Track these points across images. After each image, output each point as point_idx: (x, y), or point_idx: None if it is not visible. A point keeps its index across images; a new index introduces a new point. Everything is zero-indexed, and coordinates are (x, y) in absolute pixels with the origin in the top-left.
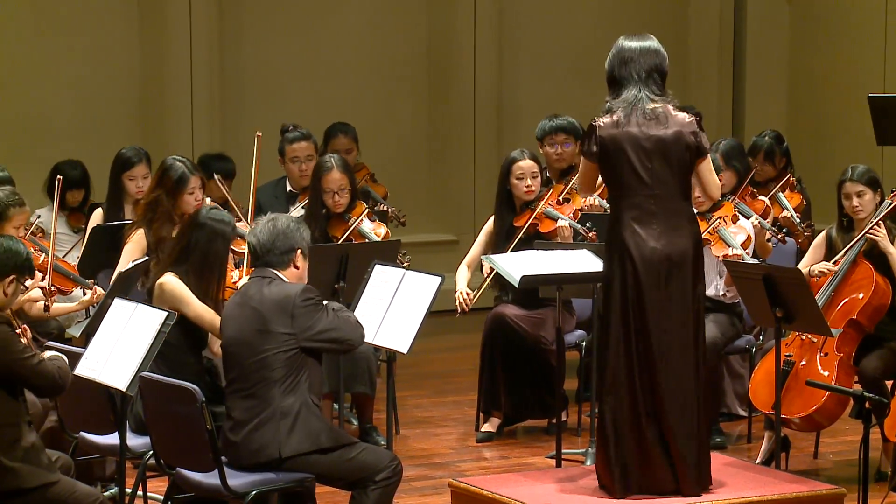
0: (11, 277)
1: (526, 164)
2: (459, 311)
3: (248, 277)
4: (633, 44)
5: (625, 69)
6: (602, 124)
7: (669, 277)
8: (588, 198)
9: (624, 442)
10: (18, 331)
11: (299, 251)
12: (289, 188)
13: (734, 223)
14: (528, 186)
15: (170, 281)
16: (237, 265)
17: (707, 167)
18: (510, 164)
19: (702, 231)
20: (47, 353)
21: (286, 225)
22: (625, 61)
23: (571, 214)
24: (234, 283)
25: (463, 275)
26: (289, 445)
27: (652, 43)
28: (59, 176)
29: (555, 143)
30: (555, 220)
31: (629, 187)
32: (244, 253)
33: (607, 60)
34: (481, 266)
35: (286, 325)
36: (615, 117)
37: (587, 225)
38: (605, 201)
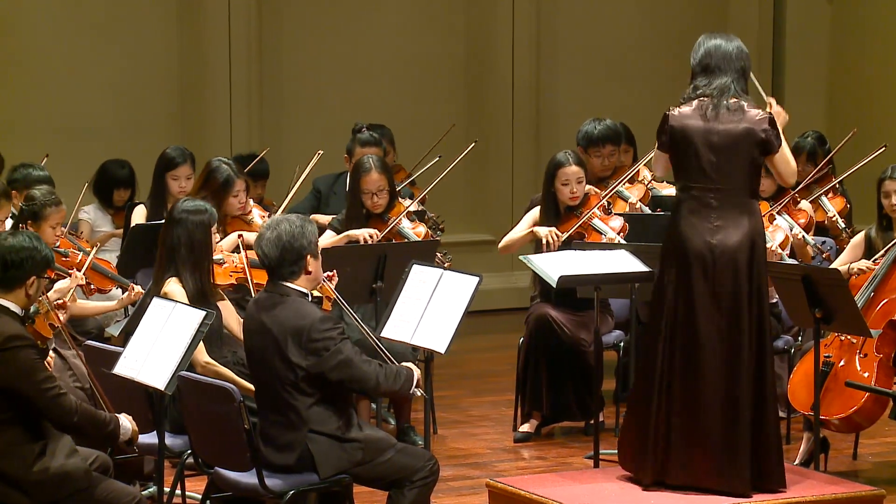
0: (32, 279)
1: (571, 170)
2: (546, 249)
3: (263, 291)
4: (730, 41)
5: (723, 60)
6: (675, 114)
7: (719, 272)
8: (631, 199)
9: (655, 431)
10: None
11: (308, 256)
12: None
13: (770, 223)
14: (573, 192)
15: (172, 290)
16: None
17: (782, 159)
18: (555, 168)
19: None
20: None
21: (290, 232)
22: (724, 56)
23: (619, 230)
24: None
25: (517, 232)
26: (324, 469)
27: (743, 45)
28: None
29: (601, 154)
30: (602, 233)
31: (692, 179)
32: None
33: (696, 51)
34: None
35: (300, 356)
36: (689, 108)
37: None
38: (646, 207)
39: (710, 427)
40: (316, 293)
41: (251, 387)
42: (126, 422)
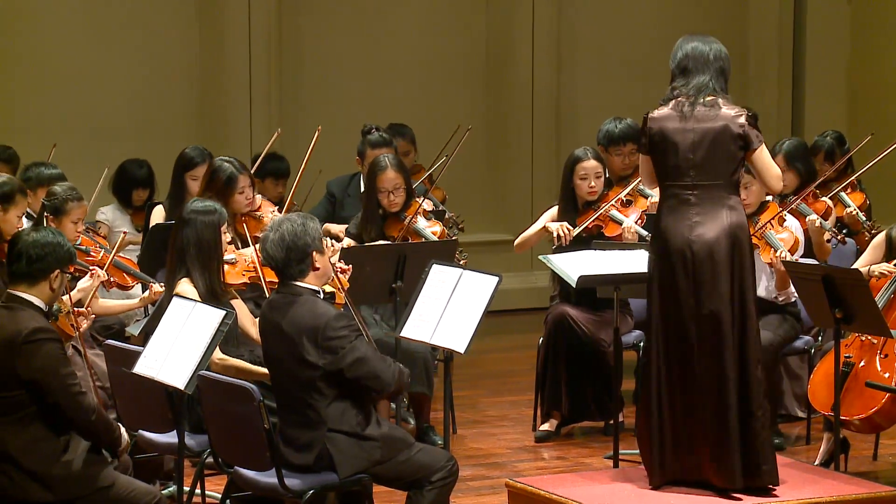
0: (56, 272)
1: (590, 164)
2: (558, 242)
3: (275, 293)
4: (706, 42)
5: (700, 62)
6: (654, 116)
7: (701, 267)
8: (652, 198)
9: (661, 433)
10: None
11: (314, 252)
12: (364, 188)
13: (780, 224)
14: (591, 187)
15: (185, 291)
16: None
17: (760, 158)
18: (574, 163)
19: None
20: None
21: (293, 232)
22: (700, 57)
23: (637, 218)
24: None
25: (533, 229)
26: (343, 469)
27: (723, 48)
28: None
29: (622, 153)
30: (619, 223)
31: (671, 178)
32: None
33: (675, 53)
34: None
35: (315, 355)
36: (667, 109)
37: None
38: None
39: (702, 422)
40: (328, 288)
41: (265, 371)
42: (123, 431)
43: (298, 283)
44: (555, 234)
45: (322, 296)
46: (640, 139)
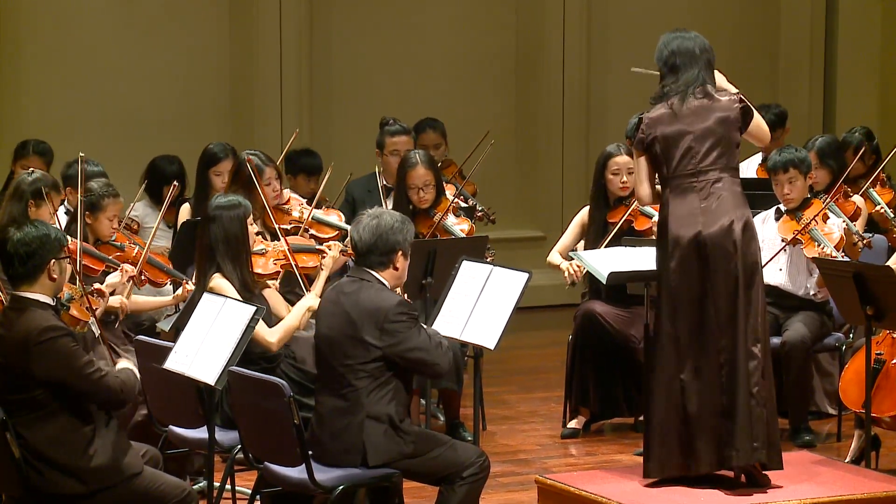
0: (51, 262)
1: (622, 159)
2: (570, 281)
3: (346, 276)
4: (689, 38)
5: (688, 57)
6: (650, 116)
7: (708, 257)
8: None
9: (666, 428)
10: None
11: (400, 252)
12: (383, 182)
13: (824, 222)
14: (623, 182)
15: (220, 285)
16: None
17: (756, 125)
18: (606, 158)
19: (794, 230)
20: (120, 365)
21: (389, 225)
22: (688, 53)
23: None
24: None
25: (557, 259)
26: (374, 457)
27: (705, 39)
28: (174, 183)
29: None
30: (650, 217)
31: (673, 170)
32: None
33: (660, 52)
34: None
35: (375, 336)
36: (661, 107)
37: None
38: None
39: (716, 409)
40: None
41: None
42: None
43: (372, 272)
44: (565, 274)
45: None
46: (634, 140)
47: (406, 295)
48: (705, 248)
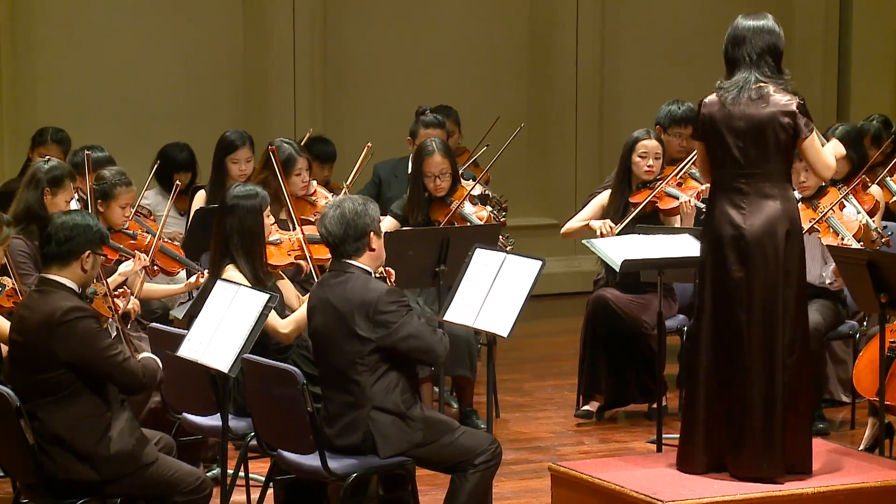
0: (87, 252)
1: (651, 143)
2: (600, 234)
3: (329, 271)
4: (748, 23)
5: (738, 50)
6: (706, 102)
7: (751, 258)
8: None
9: (700, 423)
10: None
11: (372, 233)
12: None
13: (840, 210)
14: (649, 166)
15: (231, 276)
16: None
17: (811, 147)
18: (634, 141)
19: (810, 219)
20: (141, 354)
21: (353, 210)
22: (738, 42)
23: (694, 194)
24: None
25: (577, 224)
26: (385, 448)
27: (767, 22)
28: (177, 182)
29: (681, 134)
30: (675, 197)
31: (723, 167)
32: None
33: (725, 40)
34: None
35: (367, 329)
36: (718, 97)
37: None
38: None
39: (749, 411)
40: (380, 271)
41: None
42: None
43: (352, 262)
44: (598, 233)
45: (374, 277)
46: (696, 124)
47: (415, 283)
48: (750, 252)
